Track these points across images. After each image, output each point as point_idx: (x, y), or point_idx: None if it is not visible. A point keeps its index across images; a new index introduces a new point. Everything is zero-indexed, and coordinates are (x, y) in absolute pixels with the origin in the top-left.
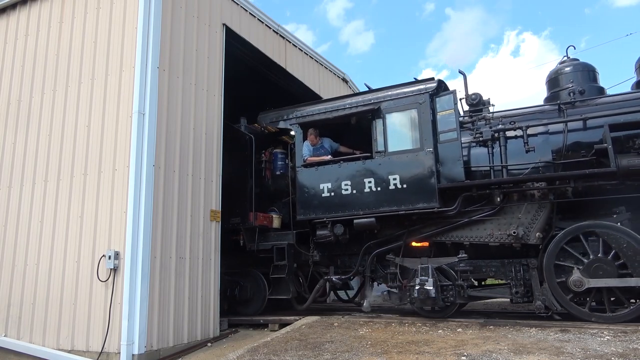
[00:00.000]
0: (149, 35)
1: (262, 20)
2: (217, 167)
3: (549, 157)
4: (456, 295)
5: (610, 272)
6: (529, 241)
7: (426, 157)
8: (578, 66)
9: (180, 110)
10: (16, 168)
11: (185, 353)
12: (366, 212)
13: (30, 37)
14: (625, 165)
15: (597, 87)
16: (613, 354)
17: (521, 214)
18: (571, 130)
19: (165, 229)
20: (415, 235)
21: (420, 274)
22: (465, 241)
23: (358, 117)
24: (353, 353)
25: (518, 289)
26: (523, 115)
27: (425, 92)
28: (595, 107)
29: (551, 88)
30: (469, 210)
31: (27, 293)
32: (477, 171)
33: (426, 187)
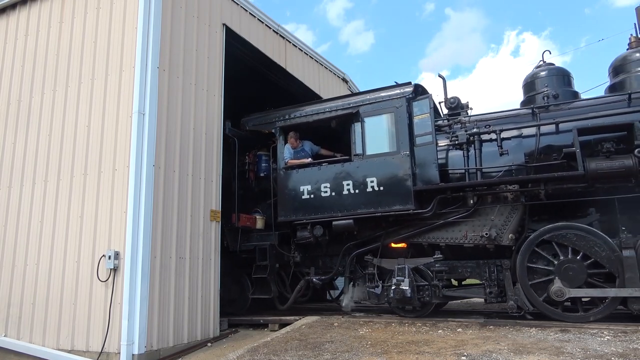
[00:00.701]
0: (149, 35)
1: (262, 20)
2: (217, 167)
3: (521, 160)
4: (432, 295)
5: (580, 273)
6: (502, 242)
7: (402, 160)
8: (553, 71)
9: (180, 110)
10: (16, 168)
11: (185, 353)
12: (345, 214)
13: (30, 37)
14: (593, 168)
15: (571, 91)
16: (613, 354)
17: (494, 215)
18: (544, 134)
19: (165, 229)
20: (393, 237)
21: (397, 275)
22: (441, 242)
23: (338, 120)
24: (353, 353)
25: (492, 289)
26: (498, 119)
27: (402, 97)
28: (567, 111)
29: (527, 92)
30: (445, 212)
31: (27, 293)
32: (453, 174)
33: (402, 190)
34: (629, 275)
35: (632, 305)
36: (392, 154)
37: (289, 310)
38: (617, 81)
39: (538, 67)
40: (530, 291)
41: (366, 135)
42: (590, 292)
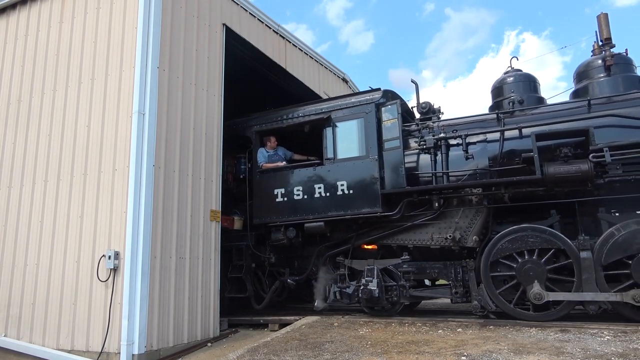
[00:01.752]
0: (149, 35)
1: (262, 20)
2: (217, 167)
3: (485, 164)
4: (400, 295)
5: (540, 273)
6: (467, 244)
7: (371, 164)
8: (520, 77)
9: (180, 110)
10: (16, 168)
11: (185, 353)
12: (316, 216)
13: (30, 37)
14: (551, 172)
15: (537, 97)
16: (613, 354)
17: (458, 218)
18: (507, 138)
19: (165, 229)
20: (364, 239)
21: (366, 275)
22: (409, 244)
23: (311, 125)
24: (353, 353)
25: (458, 289)
26: (465, 124)
27: (371, 102)
28: (530, 117)
29: (495, 97)
30: (413, 215)
31: (27, 293)
32: (421, 177)
33: (370, 193)
34: (586, 276)
35: (589, 306)
36: (361, 158)
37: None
38: (580, 87)
39: (506, 73)
40: (493, 291)
41: (337, 140)
42: (569, 296)
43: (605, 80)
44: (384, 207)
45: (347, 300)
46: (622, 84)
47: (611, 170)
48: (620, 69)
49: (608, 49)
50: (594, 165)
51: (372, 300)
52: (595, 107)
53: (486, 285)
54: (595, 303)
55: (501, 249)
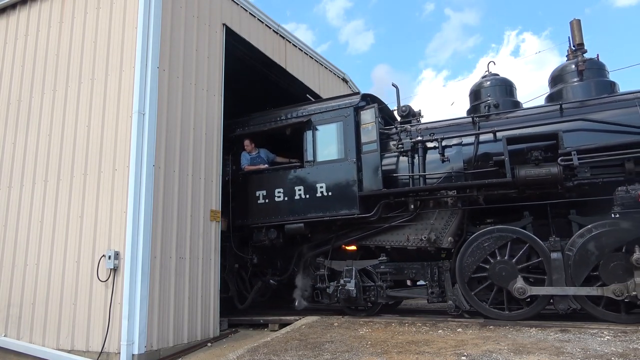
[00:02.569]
0: (149, 35)
1: (262, 20)
2: (217, 167)
3: (460, 167)
4: (377, 295)
5: (511, 272)
6: (442, 245)
7: (349, 167)
8: (496, 81)
9: (180, 110)
10: (16, 168)
11: (185, 353)
12: (296, 218)
13: (30, 37)
14: (522, 175)
15: (513, 101)
16: (613, 354)
17: (434, 220)
18: (482, 142)
19: (165, 229)
20: (343, 240)
21: (345, 276)
22: (387, 245)
23: (292, 128)
24: (353, 353)
25: (434, 289)
26: (442, 127)
27: (350, 106)
28: (505, 121)
29: (472, 101)
30: (390, 216)
31: (27, 293)
32: (398, 179)
33: (349, 195)
34: (556, 276)
35: (559, 305)
36: (340, 161)
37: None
38: (555, 91)
39: (484, 77)
40: (468, 291)
41: (317, 143)
42: (551, 291)
43: (578, 85)
44: (362, 209)
45: (327, 300)
46: (594, 89)
47: (580, 173)
48: (592, 73)
49: (580, 54)
50: (563, 168)
51: (350, 300)
52: (567, 112)
53: (461, 286)
54: (565, 302)
55: (467, 266)
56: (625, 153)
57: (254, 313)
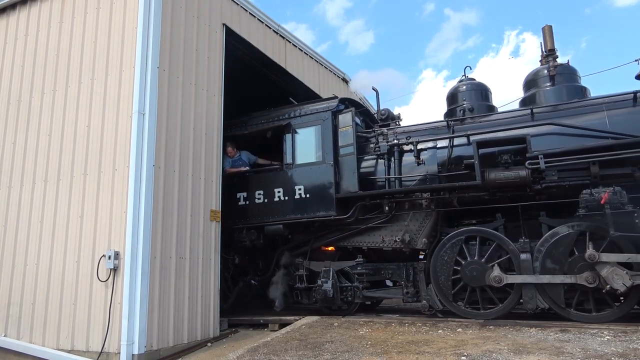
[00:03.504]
0: (149, 35)
1: (262, 20)
2: (217, 167)
3: (435, 169)
4: (354, 295)
5: (481, 272)
6: (416, 246)
7: (327, 170)
8: (472, 85)
9: (180, 110)
10: (16, 168)
11: (185, 353)
12: (275, 219)
13: (30, 37)
14: (492, 178)
15: (488, 105)
16: (613, 354)
17: (408, 221)
18: (456, 145)
19: (165, 229)
20: (322, 241)
21: (323, 276)
22: (364, 246)
23: (272, 132)
24: (353, 353)
25: (409, 289)
26: (418, 131)
27: (328, 110)
28: (479, 124)
29: (449, 105)
30: (367, 218)
31: (27, 293)
32: (375, 182)
33: (326, 197)
34: (525, 277)
35: (527, 305)
36: (318, 164)
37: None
38: (528, 95)
39: (460, 82)
40: (441, 291)
41: (296, 146)
42: (527, 279)
43: (550, 90)
44: (339, 211)
45: (307, 300)
46: (565, 93)
47: (548, 177)
48: (564, 78)
49: (552, 59)
50: (532, 171)
51: (327, 300)
52: (537, 116)
53: (435, 286)
54: (533, 302)
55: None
56: (590, 157)
57: (254, 313)
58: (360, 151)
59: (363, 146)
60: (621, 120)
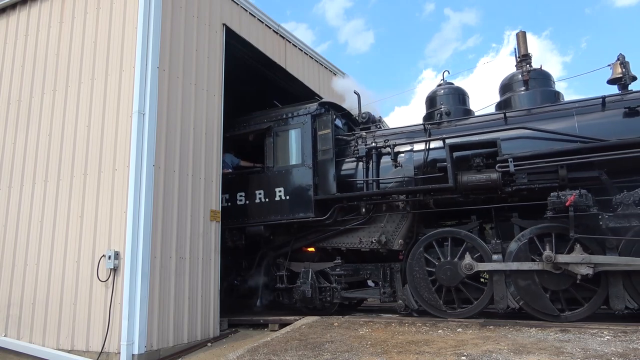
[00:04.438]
0: (149, 35)
1: (262, 20)
2: (217, 167)
3: (411, 172)
4: (332, 296)
5: (455, 272)
6: (393, 247)
7: (306, 172)
8: (450, 90)
9: (180, 110)
10: (16, 168)
11: (185, 353)
12: (256, 220)
13: (30, 37)
14: (464, 181)
15: (465, 109)
16: (613, 354)
17: (384, 223)
18: (431, 148)
19: (165, 229)
20: (302, 242)
21: (302, 277)
22: (342, 247)
23: (254, 135)
24: (353, 353)
25: (386, 289)
26: (396, 134)
27: (308, 114)
28: (454, 128)
29: (428, 108)
30: (346, 219)
31: (27, 293)
32: (354, 184)
33: (305, 199)
34: (497, 277)
35: (499, 305)
36: (297, 166)
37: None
38: (503, 99)
39: (439, 86)
40: (417, 291)
41: (277, 149)
42: (496, 266)
43: (525, 94)
44: (317, 212)
45: (287, 300)
46: (539, 98)
47: (518, 179)
48: (538, 83)
49: (525, 64)
50: (502, 174)
51: (306, 300)
52: (510, 120)
53: (411, 286)
54: (504, 302)
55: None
56: (558, 160)
57: (254, 313)
58: (340, 154)
59: (343, 149)
60: (590, 125)
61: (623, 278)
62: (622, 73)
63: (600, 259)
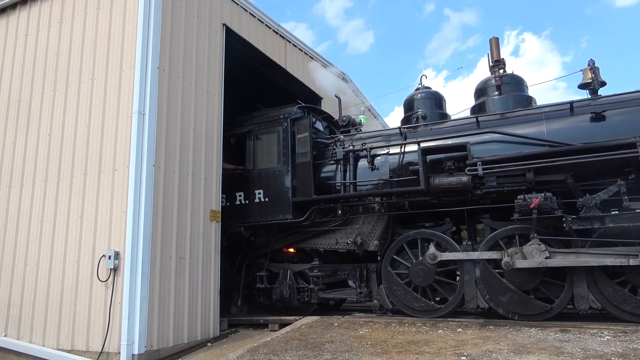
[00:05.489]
0: (149, 35)
1: (262, 20)
2: (217, 167)
3: (387, 175)
4: (310, 296)
5: (428, 273)
6: (368, 248)
7: (285, 175)
8: (427, 94)
9: (180, 110)
10: (16, 168)
11: (185, 353)
12: (237, 222)
13: (30, 37)
14: (436, 184)
15: (441, 113)
16: (613, 354)
17: (359, 224)
18: (407, 152)
19: (165, 229)
20: (281, 243)
21: (281, 277)
22: (320, 248)
23: (235, 138)
24: (353, 353)
25: (362, 289)
26: (373, 137)
27: (287, 117)
28: (429, 132)
29: (406, 112)
30: (324, 221)
31: (27, 293)
32: (332, 186)
33: (283, 201)
34: (467, 277)
35: (469, 305)
36: (276, 169)
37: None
38: (478, 103)
39: (417, 90)
40: (391, 290)
41: (257, 152)
42: (459, 256)
43: (498, 98)
44: (295, 214)
45: (267, 300)
46: (512, 102)
47: (487, 182)
48: (511, 88)
49: (497, 70)
50: (473, 177)
51: (284, 300)
52: (482, 124)
53: (386, 286)
54: (474, 302)
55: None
56: (526, 164)
57: (254, 313)
58: (319, 157)
59: (322, 152)
60: (557, 130)
61: (587, 278)
62: (592, 78)
63: (555, 262)
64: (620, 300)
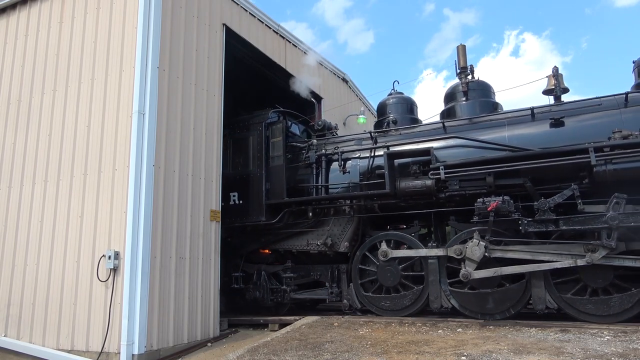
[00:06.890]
0: (149, 35)
1: (262, 20)
2: (217, 167)
3: (357, 178)
4: (282, 297)
5: (395, 273)
6: (339, 249)
7: (259, 178)
8: (399, 99)
9: (180, 110)
10: (16, 168)
11: (185, 353)
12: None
13: (30, 37)
14: (402, 187)
15: (412, 117)
16: (613, 354)
17: (330, 226)
18: (376, 155)
19: (165, 229)
20: (256, 244)
21: (255, 278)
22: (293, 249)
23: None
24: (353, 353)
25: (333, 290)
26: (346, 142)
27: (261, 122)
28: (399, 136)
29: (379, 116)
30: (297, 223)
31: (27, 293)
32: (305, 189)
33: (257, 204)
34: (432, 278)
35: (433, 305)
36: (250, 172)
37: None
38: (447, 108)
39: (389, 95)
40: (360, 290)
41: (232, 155)
42: (408, 253)
43: (465, 104)
44: (269, 216)
45: (242, 300)
46: (478, 108)
47: (450, 186)
48: (477, 94)
49: (464, 76)
50: (437, 180)
51: (257, 300)
52: (448, 129)
53: (355, 286)
54: (437, 302)
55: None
56: (486, 168)
57: (254, 313)
58: (294, 160)
59: (296, 155)
60: (518, 135)
61: (545, 280)
62: (555, 85)
63: (508, 269)
64: (576, 301)
